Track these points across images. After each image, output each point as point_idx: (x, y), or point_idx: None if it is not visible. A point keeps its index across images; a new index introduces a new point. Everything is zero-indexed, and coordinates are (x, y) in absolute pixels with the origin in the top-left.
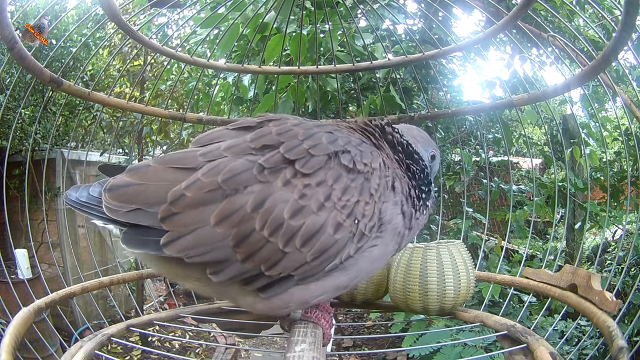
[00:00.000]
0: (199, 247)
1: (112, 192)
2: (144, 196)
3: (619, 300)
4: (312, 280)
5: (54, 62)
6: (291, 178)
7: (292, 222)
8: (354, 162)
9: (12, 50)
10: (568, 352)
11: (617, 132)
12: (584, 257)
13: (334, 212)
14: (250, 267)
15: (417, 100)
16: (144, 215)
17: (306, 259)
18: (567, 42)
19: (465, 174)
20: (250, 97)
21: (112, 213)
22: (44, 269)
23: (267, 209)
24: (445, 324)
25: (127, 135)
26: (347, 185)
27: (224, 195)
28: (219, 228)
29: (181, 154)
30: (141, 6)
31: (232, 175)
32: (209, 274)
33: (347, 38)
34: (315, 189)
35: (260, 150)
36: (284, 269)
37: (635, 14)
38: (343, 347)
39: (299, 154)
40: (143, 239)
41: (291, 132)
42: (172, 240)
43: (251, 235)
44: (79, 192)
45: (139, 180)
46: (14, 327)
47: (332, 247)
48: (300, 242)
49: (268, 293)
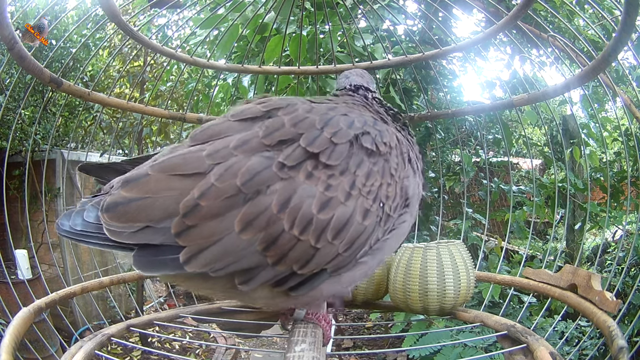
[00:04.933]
0: (225, 258)
1: (111, 212)
2: (151, 212)
3: (619, 301)
4: (344, 271)
5: (54, 63)
6: (313, 170)
7: (321, 216)
8: (376, 144)
9: (12, 51)
10: (568, 353)
11: (617, 133)
12: (584, 258)
13: (360, 199)
14: (282, 270)
15: (417, 101)
16: (154, 234)
17: (338, 250)
18: (567, 43)
19: (465, 174)
20: (250, 98)
21: (115, 236)
22: (44, 269)
23: (294, 207)
24: (445, 324)
25: (127, 135)
26: (370, 169)
27: (245, 199)
28: (245, 234)
29: (181, 157)
30: (141, 7)
31: (251, 176)
32: (238, 284)
33: (347, 38)
34: (340, 179)
35: (277, 146)
36: (317, 265)
37: (635, 14)
38: (343, 348)
39: (322, 145)
40: (158, 260)
41: (307, 121)
42: (192, 256)
43: (281, 237)
44: (71, 220)
45: (141, 193)
46: (14, 327)
47: (362, 235)
48: (332, 235)
49: (300, 291)
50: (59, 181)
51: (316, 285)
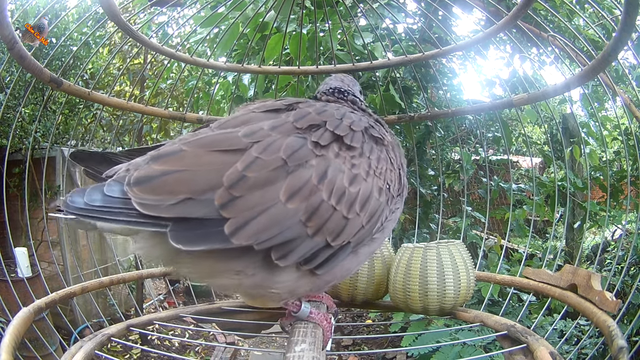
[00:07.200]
0: (271, 228)
1: (144, 184)
2: (192, 183)
3: (618, 300)
4: (361, 247)
5: (54, 61)
6: (339, 151)
7: (351, 189)
8: (381, 135)
9: (12, 50)
10: (568, 352)
11: (617, 132)
12: (584, 257)
13: (375, 179)
14: (318, 241)
15: (417, 99)
16: (196, 206)
17: (362, 223)
18: (567, 42)
19: (465, 172)
20: (250, 96)
21: (149, 209)
22: (44, 267)
23: (330, 180)
24: (444, 323)
25: (127, 133)
26: (379, 155)
27: (288, 172)
28: (291, 204)
29: (219, 135)
30: (141, 5)
31: (292, 151)
32: (275, 259)
33: (346, 37)
34: (360, 159)
35: (308, 129)
36: (347, 236)
37: (635, 14)
38: (342, 346)
39: (344, 130)
40: (201, 233)
41: (327, 113)
42: (238, 227)
43: (320, 206)
44: (86, 195)
45: (178, 166)
46: (14, 327)
47: (378, 209)
48: (359, 207)
49: (325, 268)
50: (59, 179)
51: (340, 261)
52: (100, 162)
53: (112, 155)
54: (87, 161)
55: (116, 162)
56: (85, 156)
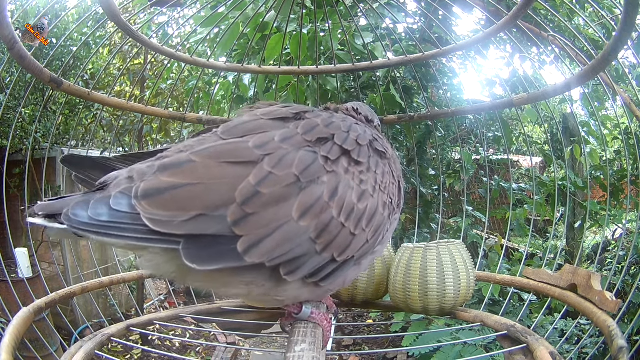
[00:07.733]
0: (283, 246)
1: (153, 198)
2: (206, 198)
3: (619, 300)
4: (364, 259)
5: (55, 61)
6: (348, 166)
7: (360, 205)
8: (384, 149)
9: (12, 51)
10: (568, 351)
11: (617, 131)
12: (584, 256)
13: (380, 194)
14: (326, 257)
15: (417, 99)
16: (209, 222)
17: (367, 238)
18: (567, 42)
19: (465, 172)
20: (250, 96)
21: (161, 226)
22: (44, 267)
23: (340, 197)
24: (445, 323)
25: (128, 133)
26: (383, 170)
27: (300, 188)
28: (303, 221)
29: (229, 145)
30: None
31: (305, 167)
32: (284, 274)
33: (347, 37)
34: (367, 175)
35: (317, 142)
36: (352, 251)
37: (635, 13)
38: (343, 346)
39: (352, 144)
40: (215, 252)
41: (334, 125)
42: (252, 246)
43: (330, 223)
44: (91, 209)
45: (189, 179)
46: (14, 327)
47: (382, 224)
48: (366, 223)
49: (329, 280)
50: (59, 179)
51: (343, 273)
52: (92, 167)
53: (105, 161)
54: (79, 166)
55: (109, 167)
56: (76, 160)
